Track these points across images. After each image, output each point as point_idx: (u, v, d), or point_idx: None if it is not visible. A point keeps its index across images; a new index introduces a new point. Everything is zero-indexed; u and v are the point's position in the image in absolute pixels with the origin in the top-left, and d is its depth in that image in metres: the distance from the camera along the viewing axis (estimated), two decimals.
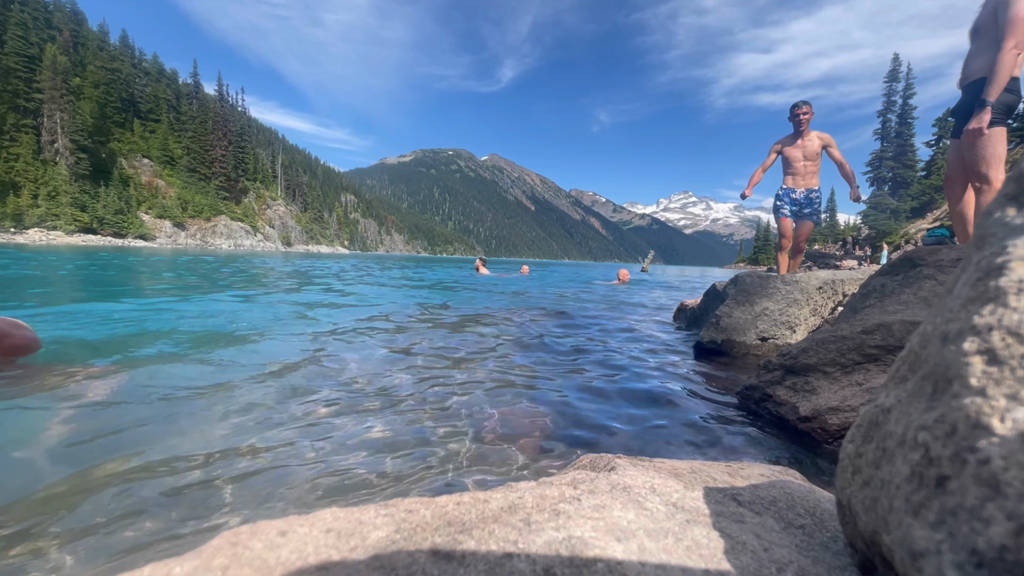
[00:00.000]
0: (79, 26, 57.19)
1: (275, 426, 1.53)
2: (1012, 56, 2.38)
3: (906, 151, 40.25)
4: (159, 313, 3.84)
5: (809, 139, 4.38)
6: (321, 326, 3.50)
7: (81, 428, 1.47)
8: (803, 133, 4.37)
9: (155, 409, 1.65)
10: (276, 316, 3.94)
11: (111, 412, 1.61)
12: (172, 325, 3.31)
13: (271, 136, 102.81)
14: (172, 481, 1.17)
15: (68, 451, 1.31)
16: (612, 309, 5.57)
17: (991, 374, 0.35)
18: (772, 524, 0.60)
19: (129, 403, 1.70)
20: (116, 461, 1.26)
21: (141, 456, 1.30)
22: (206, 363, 2.27)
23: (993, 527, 0.30)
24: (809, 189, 4.47)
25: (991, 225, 0.43)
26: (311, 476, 1.21)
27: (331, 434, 1.49)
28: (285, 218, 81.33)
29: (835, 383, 1.60)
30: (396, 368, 2.34)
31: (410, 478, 1.23)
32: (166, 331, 3.08)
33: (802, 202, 4.49)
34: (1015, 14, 2.33)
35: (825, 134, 4.38)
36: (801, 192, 4.48)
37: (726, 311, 3.07)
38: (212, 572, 0.42)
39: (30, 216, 41.58)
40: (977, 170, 2.64)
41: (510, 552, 0.47)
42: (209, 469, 1.23)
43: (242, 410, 1.66)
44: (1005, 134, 2.57)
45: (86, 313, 3.63)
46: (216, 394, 1.82)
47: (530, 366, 2.50)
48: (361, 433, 1.50)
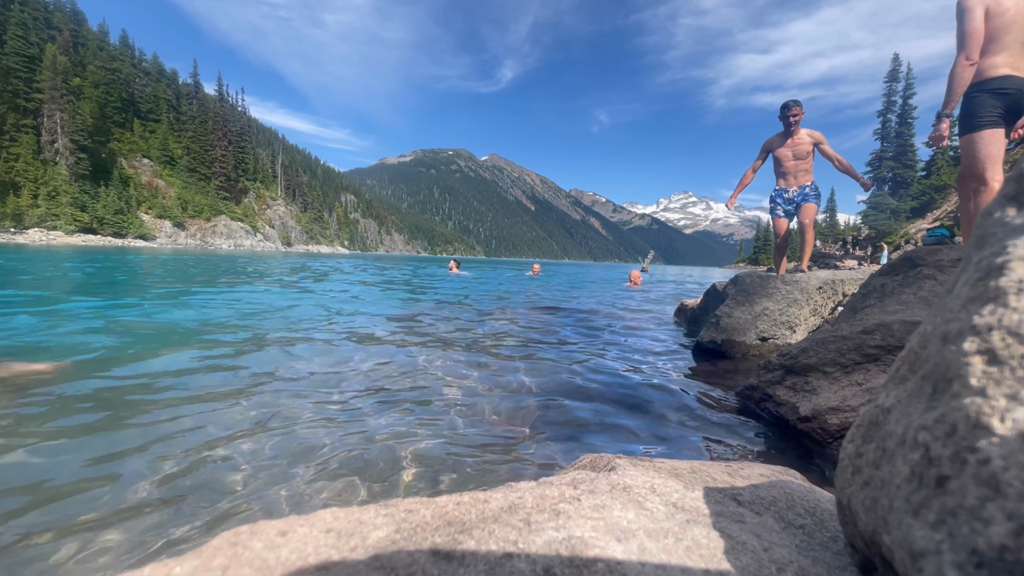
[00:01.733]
0: (79, 26, 57.19)
1: (273, 426, 1.53)
2: (963, 67, 2.49)
3: (906, 151, 40.25)
4: (162, 312, 3.85)
5: (799, 138, 4.28)
6: (335, 327, 3.50)
7: (80, 426, 1.47)
8: (793, 133, 4.28)
9: (145, 407, 1.65)
10: (287, 315, 3.94)
11: (98, 409, 1.61)
12: (173, 323, 3.31)
13: (271, 136, 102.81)
14: (172, 480, 1.17)
15: (67, 449, 1.31)
16: (611, 308, 5.57)
17: (991, 374, 0.34)
18: (772, 524, 0.60)
19: (106, 400, 1.70)
20: (116, 460, 1.26)
21: (140, 455, 1.30)
22: (206, 361, 2.28)
23: (993, 527, 0.30)
24: (803, 186, 4.39)
25: (991, 225, 0.43)
26: (299, 480, 1.21)
27: (329, 434, 1.48)
28: (285, 218, 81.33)
29: (835, 383, 1.60)
30: (395, 367, 2.34)
31: (410, 478, 1.23)
32: (164, 330, 3.09)
33: (796, 199, 4.42)
34: (963, 29, 2.47)
35: (816, 132, 4.28)
36: (794, 190, 4.42)
37: (726, 311, 3.07)
38: (212, 572, 0.42)
39: (30, 216, 41.58)
40: (973, 171, 2.68)
41: (510, 552, 0.47)
42: (210, 467, 1.24)
43: (240, 408, 1.66)
44: (1001, 135, 2.60)
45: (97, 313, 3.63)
46: (215, 392, 1.82)
47: (529, 366, 2.50)
48: (361, 433, 1.50)
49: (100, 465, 1.24)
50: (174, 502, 1.08)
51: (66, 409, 1.61)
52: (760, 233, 73.58)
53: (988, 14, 2.48)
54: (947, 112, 2.58)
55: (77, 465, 1.23)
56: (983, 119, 2.60)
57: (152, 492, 1.12)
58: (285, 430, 1.50)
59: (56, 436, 1.40)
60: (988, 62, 2.56)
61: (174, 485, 1.16)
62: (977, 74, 2.65)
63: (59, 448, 1.33)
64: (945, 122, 2.61)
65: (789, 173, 4.39)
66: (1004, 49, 2.51)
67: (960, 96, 2.54)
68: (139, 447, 1.35)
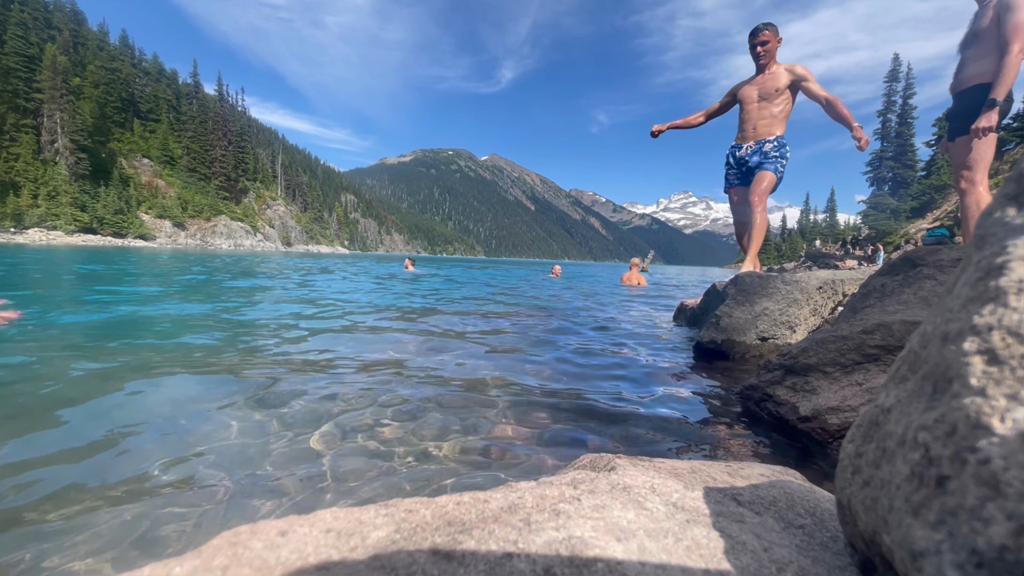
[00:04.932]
0: (79, 26, 57.21)
1: (268, 423, 1.53)
2: (1019, 60, 2.47)
3: (906, 151, 40.30)
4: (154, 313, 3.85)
5: (771, 73, 3.14)
6: (330, 323, 3.50)
7: (81, 422, 1.47)
8: (765, 68, 3.16)
9: (144, 407, 1.65)
10: (278, 312, 3.94)
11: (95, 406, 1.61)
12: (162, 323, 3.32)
13: (271, 136, 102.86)
14: (169, 481, 1.17)
15: (69, 446, 1.32)
16: (611, 308, 5.57)
17: (991, 374, 0.35)
18: (772, 524, 0.60)
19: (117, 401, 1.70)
20: (114, 458, 1.26)
21: (138, 455, 1.30)
22: (207, 358, 2.28)
23: (993, 527, 0.30)
24: (761, 140, 3.23)
25: (991, 225, 0.43)
26: (299, 479, 1.21)
27: (325, 435, 1.48)
28: (285, 218, 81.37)
29: (835, 383, 1.60)
30: (393, 366, 2.34)
31: (409, 478, 1.23)
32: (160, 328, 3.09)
33: (749, 160, 3.26)
34: (1021, 20, 2.41)
35: (799, 65, 3.10)
36: (749, 146, 3.29)
37: (726, 311, 3.07)
38: (212, 572, 0.42)
39: (30, 216, 41.61)
40: (966, 171, 2.73)
41: (510, 552, 0.47)
42: (208, 468, 1.24)
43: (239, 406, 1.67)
44: (994, 139, 2.66)
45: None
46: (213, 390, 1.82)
47: (528, 365, 2.50)
48: (358, 433, 1.50)
49: (99, 464, 1.24)
50: (174, 502, 1.08)
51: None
52: None
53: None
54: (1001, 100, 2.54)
55: (75, 464, 1.23)
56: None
57: (150, 493, 1.12)
58: (275, 426, 1.50)
59: (60, 430, 1.40)
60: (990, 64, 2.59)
61: (172, 486, 1.16)
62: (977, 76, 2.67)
63: (59, 445, 1.33)
64: (996, 110, 2.57)
65: (748, 121, 3.26)
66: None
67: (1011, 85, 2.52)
68: (137, 445, 1.35)
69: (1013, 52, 2.44)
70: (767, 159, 3.22)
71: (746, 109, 3.27)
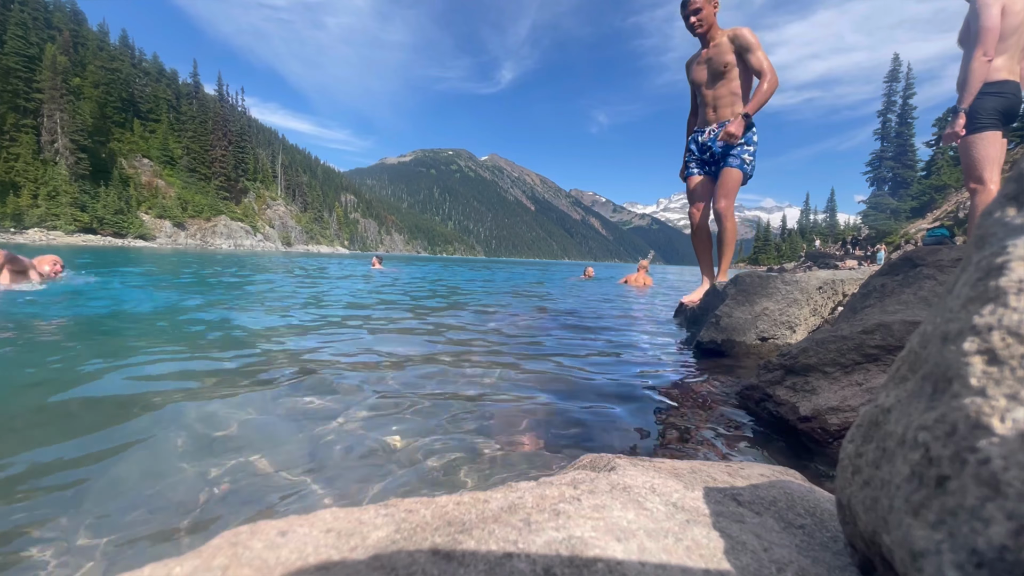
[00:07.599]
0: (79, 26, 57.23)
1: (265, 422, 1.53)
2: (981, 63, 2.49)
3: (906, 151, 40.32)
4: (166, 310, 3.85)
5: (716, 45, 2.80)
6: (326, 325, 3.50)
7: (79, 418, 1.47)
8: (708, 42, 2.82)
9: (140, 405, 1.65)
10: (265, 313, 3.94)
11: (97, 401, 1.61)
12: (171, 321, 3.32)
13: (271, 136, 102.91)
14: (171, 479, 1.17)
15: (69, 442, 1.31)
16: (610, 308, 5.57)
17: (991, 374, 0.35)
18: (772, 524, 0.60)
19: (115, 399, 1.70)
20: (113, 458, 1.26)
21: (137, 454, 1.30)
22: (206, 359, 2.28)
23: (993, 527, 0.30)
24: (723, 122, 2.95)
25: (991, 225, 0.43)
26: (299, 479, 1.21)
27: (324, 435, 1.48)
28: (285, 218, 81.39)
29: (835, 383, 1.60)
30: (391, 367, 2.34)
31: (408, 478, 1.23)
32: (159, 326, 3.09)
33: (712, 145, 2.97)
34: (982, 24, 2.46)
35: (744, 29, 2.75)
36: (712, 129, 3.00)
37: (726, 311, 3.07)
38: (212, 572, 0.42)
39: (30, 216, 41.62)
40: (972, 172, 2.71)
41: (510, 552, 0.47)
42: (209, 466, 1.24)
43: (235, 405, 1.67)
44: (999, 137, 2.62)
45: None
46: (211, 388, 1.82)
47: (526, 365, 2.50)
48: (357, 430, 1.50)
49: (98, 463, 1.24)
50: (174, 501, 1.08)
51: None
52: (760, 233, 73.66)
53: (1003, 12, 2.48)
54: (964, 107, 2.57)
55: (75, 461, 1.23)
56: (982, 121, 2.61)
57: (150, 491, 1.12)
58: (271, 425, 1.50)
59: (61, 428, 1.40)
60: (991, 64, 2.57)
61: (173, 484, 1.16)
62: None
63: (60, 443, 1.33)
64: (961, 118, 2.60)
65: (707, 104, 3.01)
66: (1004, 52, 2.52)
67: (976, 91, 2.53)
68: (134, 445, 1.35)
69: (975, 56, 2.46)
70: (731, 151, 2.94)
71: (702, 92, 3.01)
